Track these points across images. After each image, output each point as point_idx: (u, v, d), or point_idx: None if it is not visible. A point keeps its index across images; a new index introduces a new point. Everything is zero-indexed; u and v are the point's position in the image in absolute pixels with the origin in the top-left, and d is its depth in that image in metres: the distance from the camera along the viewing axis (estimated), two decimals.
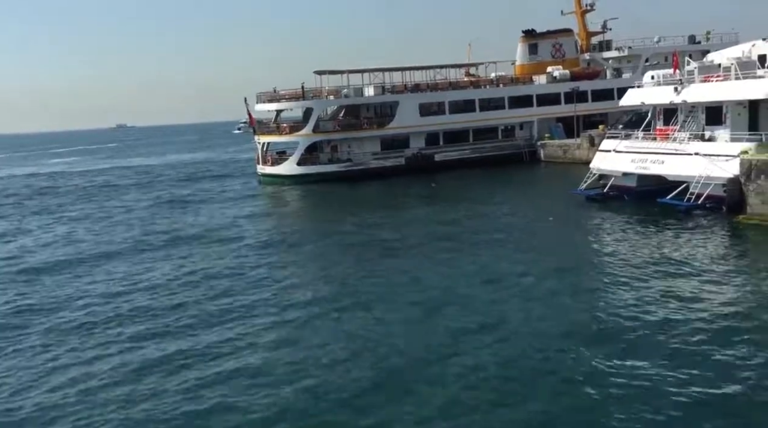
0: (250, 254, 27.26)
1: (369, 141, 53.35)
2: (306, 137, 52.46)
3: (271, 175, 53.77)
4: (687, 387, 12.76)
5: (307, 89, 54.07)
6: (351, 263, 24.69)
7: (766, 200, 25.54)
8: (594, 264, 22.60)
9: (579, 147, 50.88)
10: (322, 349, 16.00)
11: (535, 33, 63.34)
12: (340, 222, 34.08)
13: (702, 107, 31.97)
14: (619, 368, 13.82)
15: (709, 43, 61.23)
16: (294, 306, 19.65)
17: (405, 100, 54.42)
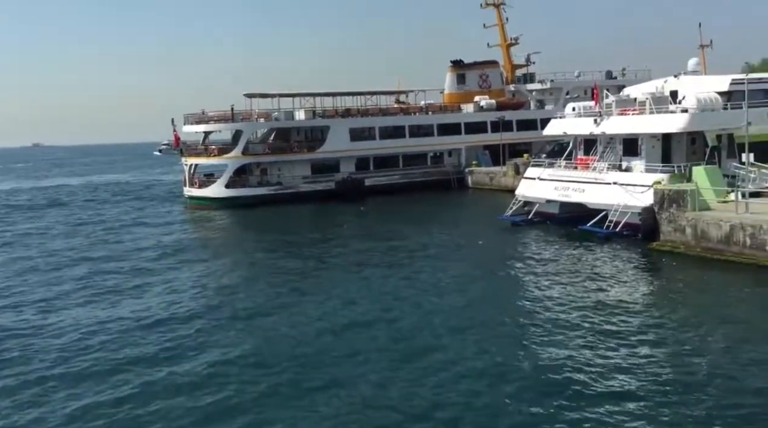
0: (174, 281, 26.35)
1: (299, 165, 53.16)
2: (235, 160, 51.74)
3: (198, 198, 52.59)
4: (601, 396, 13.26)
5: (237, 112, 53.51)
6: (277, 287, 24.31)
7: (677, 227, 26.95)
8: (519, 285, 23.29)
9: (505, 175, 52.37)
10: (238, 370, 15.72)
11: (463, 64, 65.20)
12: (268, 246, 33.66)
13: (619, 139, 33.64)
14: (529, 383, 14.21)
15: (624, 78, 64.67)
16: (213, 333, 19.19)
17: (336, 124, 54.66)
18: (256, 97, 55.30)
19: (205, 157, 53.90)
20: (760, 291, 21.43)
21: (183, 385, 15.34)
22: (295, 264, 28.50)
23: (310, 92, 58.78)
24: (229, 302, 22.52)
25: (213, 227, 42.83)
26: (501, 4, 67.64)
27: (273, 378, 15.47)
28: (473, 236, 33.51)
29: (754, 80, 33.14)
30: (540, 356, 16.21)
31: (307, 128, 56.19)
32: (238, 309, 21.55)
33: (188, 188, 54.02)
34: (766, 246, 23.41)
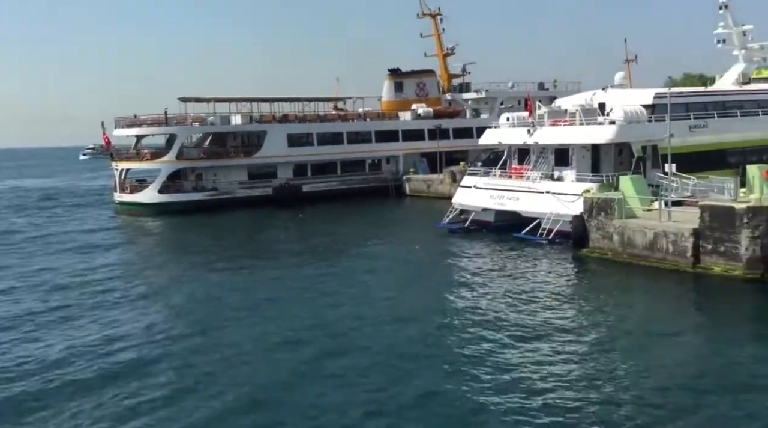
0: (100, 292, 25.26)
1: (236, 170, 52.40)
2: (169, 164, 50.54)
3: (129, 203, 51.08)
4: (527, 398, 13.68)
5: (171, 116, 52.31)
6: (211, 297, 23.87)
7: (605, 235, 28.02)
8: (453, 291, 23.66)
9: (442, 182, 53.13)
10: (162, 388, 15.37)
11: (400, 72, 65.91)
12: (201, 254, 32.87)
13: (551, 149, 34.71)
14: (460, 382, 14.52)
15: (556, 89, 66.83)
16: (139, 345, 18.68)
17: (273, 130, 54.19)
18: (191, 101, 54.29)
19: (137, 161, 52.44)
20: (680, 295, 22.55)
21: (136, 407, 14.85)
22: (230, 273, 28.05)
23: (247, 97, 58.11)
24: (161, 317, 21.87)
25: (145, 234, 41.66)
26: (437, 15, 68.76)
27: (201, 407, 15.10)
28: (410, 243, 33.84)
29: (675, 94, 34.86)
30: (469, 353, 16.62)
31: (243, 133, 55.49)
32: (168, 325, 20.79)
33: (119, 193, 52.42)
34: (687, 253, 24.61)
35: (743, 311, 20.90)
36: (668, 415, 13.23)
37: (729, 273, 23.27)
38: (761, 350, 16.94)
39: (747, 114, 37.57)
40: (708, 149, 34.44)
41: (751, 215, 22.98)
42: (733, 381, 14.84)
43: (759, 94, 40.13)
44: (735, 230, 23.29)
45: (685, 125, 34.25)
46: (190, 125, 53.37)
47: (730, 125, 36.20)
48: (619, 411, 13.46)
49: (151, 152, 52.82)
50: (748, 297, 21.96)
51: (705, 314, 20.68)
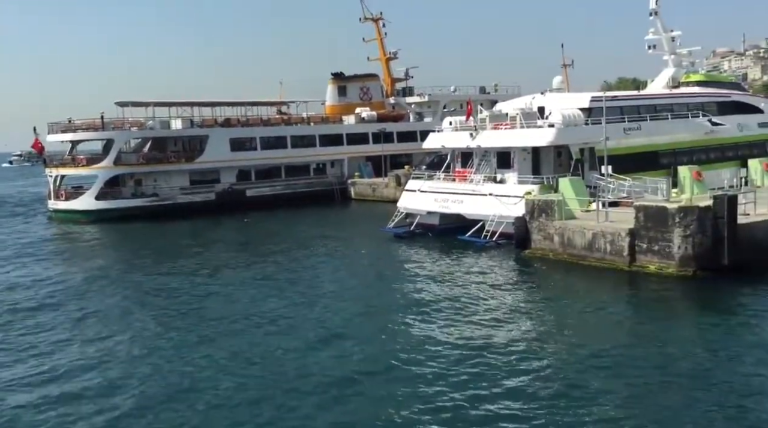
0: (32, 305, 24.31)
1: (177, 175, 51.31)
2: (106, 170, 49.13)
3: (65, 211, 49.37)
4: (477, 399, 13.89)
5: (108, 120, 50.84)
6: (153, 310, 23.16)
7: (546, 235, 28.69)
8: (399, 294, 23.80)
9: (387, 186, 53.34)
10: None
11: (343, 76, 65.94)
12: (142, 262, 32.11)
13: (494, 152, 35.32)
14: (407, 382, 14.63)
15: (497, 93, 68.17)
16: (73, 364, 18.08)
17: (215, 134, 53.35)
18: (129, 105, 52.89)
19: (73, 167, 50.78)
20: (617, 294, 23.27)
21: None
22: (172, 282, 27.38)
23: (188, 101, 57.06)
24: (97, 331, 21.18)
25: (81, 243, 40.25)
26: (379, 19, 69.10)
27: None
28: (356, 248, 33.83)
29: (610, 98, 36.03)
30: (412, 352, 16.75)
31: (184, 138, 54.42)
32: (108, 340, 20.18)
33: (54, 200, 50.61)
34: (623, 252, 25.44)
35: (675, 308, 21.75)
36: (607, 403, 13.69)
37: (663, 271, 24.15)
38: (690, 342, 17.70)
39: (677, 117, 39.14)
40: (641, 151, 35.70)
41: (683, 214, 23.91)
42: (665, 369, 15.58)
43: (688, 98, 41.85)
44: (668, 230, 24.19)
45: (620, 128, 35.42)
46: (128, 129, 52.06)
47: (662, 128, 37.64)
48: (565, 403, 13.86)
49: (87, 157, 51.31)
50: (680, 294, 22.84)
51: (640, 311, 21.37)
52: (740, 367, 15.75)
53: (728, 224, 23.77)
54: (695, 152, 38.23)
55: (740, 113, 42.77)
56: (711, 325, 19.12)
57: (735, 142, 40.64)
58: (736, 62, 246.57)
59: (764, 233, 25.08)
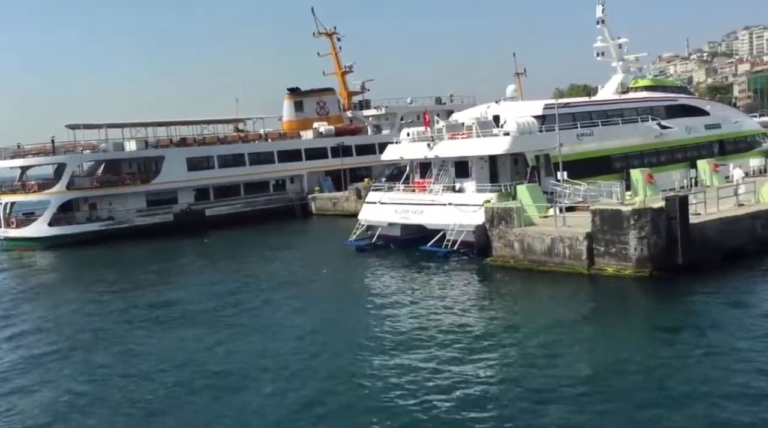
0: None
1: (133, 197, 50.34)
2: (59, 195, 47.91)
3: (16, 239, 47.88)
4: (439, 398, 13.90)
5: (59, 144, 49.67)
6: (112, 339, 22.46)
7: (507, 243, 28.99)
8: (363, 306, 23.80)
9: (347, 199, 53.26)
10: None
11: (300, 91, 65.82)
12: (97, 289, 31.22)
13: (451, 162, 35.60)
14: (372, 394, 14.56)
15: (452, 103, 68.79)
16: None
17: (171, 154, 52.58)
18: (80, 128, 51.83)
19: (23, 193, 49.36)
20: (577, 297, 23.61)
21: None
22: (131, 309, 26.71)
23: (142, 122, 56.20)
24: (53, 362, 20.59)
25: (34, 271, 39.05)
26: (333, 34, 69.24)
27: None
28: (319, 263, 33.63)
29: (563, 105, 36.75)
30: (381, 366, 16.70)
31: (139, 159, 53.51)
32: (63, 372, 19.76)
33: (4, 228, 49.06)
34: (582, 256, 25.87)
35: (633, 309, 22.20)
36: (573, 400, 13.88)
37: (621, 273, 24.63)
38: (648, 341, 18.17)
39: (627, 121, 40.08)
40: (595, 156, 36.39)
41: (637, 216, 24.45)
42: (624, 367, 16.08)
43: (637, 102, 42.94)
44: (623, 232, 24.71)
45: (573, 134, 36.07)
46: (81, 152, 51.03)
47: (613, 132, 38.47)
48: (529, 401, 14.09)
49: (39, 183, 49.92)
50: (637, 295, 23.33)
51: (599, 313, 21.74)
52: (695, 364, 16.18)
53: (681, 225, 24.39)
54: (646, 155, 39.17)
55: (687, 116, 44.04)
56: (666, 324, 19.60)
57: (683, 144, 41.80)
58: (681, 66, 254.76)
59: (715, 232, 25.83)
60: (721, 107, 54.22)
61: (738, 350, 16.74)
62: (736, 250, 25.88)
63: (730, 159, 41.39)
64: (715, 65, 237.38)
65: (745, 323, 18.83)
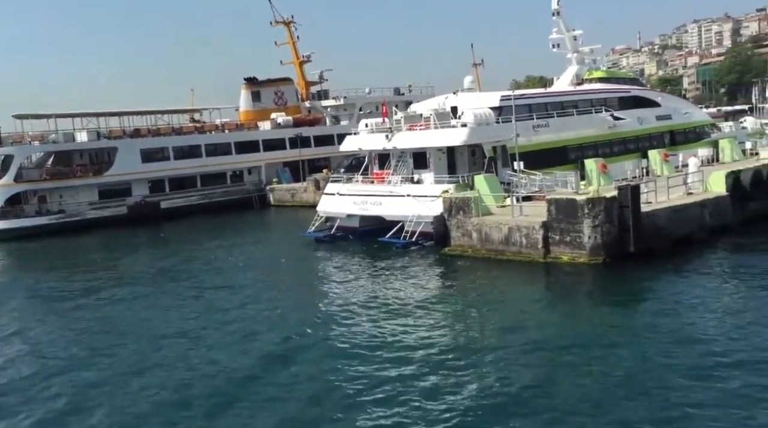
0: None
1: (84, 190, 49.05)
2: (6, 188, 46.35)
3: None
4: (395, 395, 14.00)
5: (5, 135, 47.99)
6: (63, 336, 21.93)
7: (465, 232, 29.26)
8: (322, 298, 23.72)
9: (306, 190, 52.94)
10: None
11: (257, 81, 64.98)
12: (48, 285, 30.32)
13: (410, 153, 35.69)
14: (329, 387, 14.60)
15: (411, 94, 68.94)
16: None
17: (124, 146, 51.37)
18: (29, 118, 50.16)
19: None
20: (533, 285, 24.04)
21: None
22: (84, 304, 26.06)
23: (93, 112, 54.71)
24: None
25: None
26: (291, 23, 68.53)
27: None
28: (277, 254, 33.41)
29: (519, 96, 37.17)
30: (337, 354, 16.76)
31: (91, 151, 52.12)
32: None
33: None
34: (538, 245, 26.30)
35: (587, 295, 22.69)
36: (525, 386, 14.18)
37: (576, 261, 25.13)
38: (602, 325, 18.63)
39: (582, 112, 40.85)
40: (550, 147, 36.99)
41: (591, 205, 24.96)
42: (573, 349, 16.66)
43: (591, 94, 43.80)
44: (578, 221, 25.20)
45: (529, 125, 36.59)
46: (29, 143, 49.40)
47: (568, 123, 39.18)
48: (489, 382, 14.34)
49: None
50: (591, 282, 23.84)
51: (554, 301, 22.21)
52: (645, 344, 16.73)
53: (633, 213, 25.00)
54: (600, 146, 39.99)
55: (639, 107, 45.13)
56: (617, 309, 20.17)
57: (636, 135, 42.83)
58: (633, 58, 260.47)
59: (665, 219, 26.56)
60: (672, 98, 55.72)
61: (680, 330, 17.52)
62: (685, 237, 26.70)
63: (681, 149, 42.58)
64: (665, 58, 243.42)
65: (688, 306, 19.50)
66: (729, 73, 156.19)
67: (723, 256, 25.82)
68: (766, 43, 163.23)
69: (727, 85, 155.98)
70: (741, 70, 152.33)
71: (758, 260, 24.43)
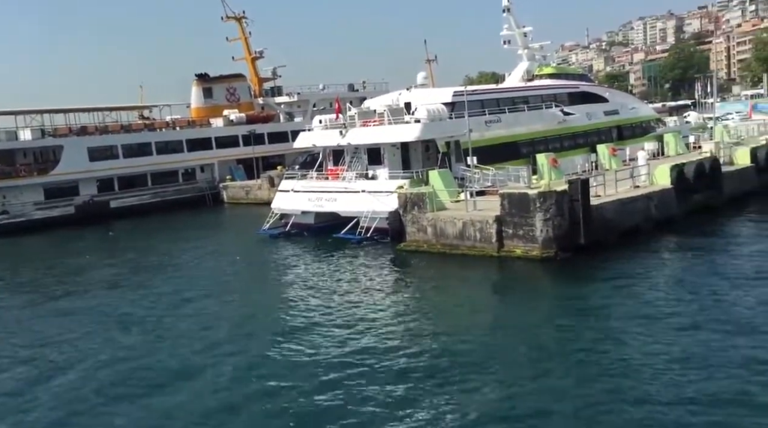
0: None
1: (29, 190, 47.48)
2: None
3: None
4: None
5: None
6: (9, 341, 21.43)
7: (420, 228, 29.45)
8: (276, 296, 23.61)
9: (260, 188, 52.44)
10: None
11: (208, 77, 63.97)
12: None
13: (364, 149, 35.69)
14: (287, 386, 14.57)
15: (365, 90, 68.89)
16: None
17: (71, 144, 49.93)
18: None
19: None
20: (487, 279, 24.38)
21: None
22: (30, 305, 25.33)
23: (37, 109, 52.95)
24: None
25: None
26: (242, 18, 67.66)
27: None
28: (231, 252, 33.02)
29: (471, 92, 37.54)
30: (296, 352, 16.70)
31: (35, 149, 50.45)
32: None
33: None
34: (492, 239, 26.64)
35: (538, 288, 23.17)
36: (478, 379, 14.43)
37: (528, 254, 25.55)
38: (551, 317, 19.02)
39: (533, 108, 41.53)
40: (503, 142, 37.52)
41: (543, 199, 25.41)
42: (527, 339, 17.10)
43: (541, 90, 44.53)
44: (530, 215, 25.62)
45: (482, 121, 37.00)
46: None
47: (520, 119, 39.78)
48: (437, 369, 14.61)
49: None
50: (542, 275, 24.33)
51: (507, 293, 22.66)
52: (594, 333, 17.22)
53: (583, 206, 25.55)
54: (550, 141, 40.72)
55: (588, 103, 46.09)
56: (569, 300, 20.61)
57: (585, 130, 43.76)
58: (582, 55, 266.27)
59: (613, 212, 27.25)
60: (619, 94, 57.05)
61: (625, 318, 18.14)
62: (632, 229, 27.45)
63: (628, 144, 43.71)
64: (612, 54, 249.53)
65: (634, 295, 20.14)
66: (673, 70, 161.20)
67: (667, 246, 26.67)
68: (707, 40, 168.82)
69: (672, 81, 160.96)
70: (684, 66, 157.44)
71: (699, 249, 25.31)
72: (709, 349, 15.44)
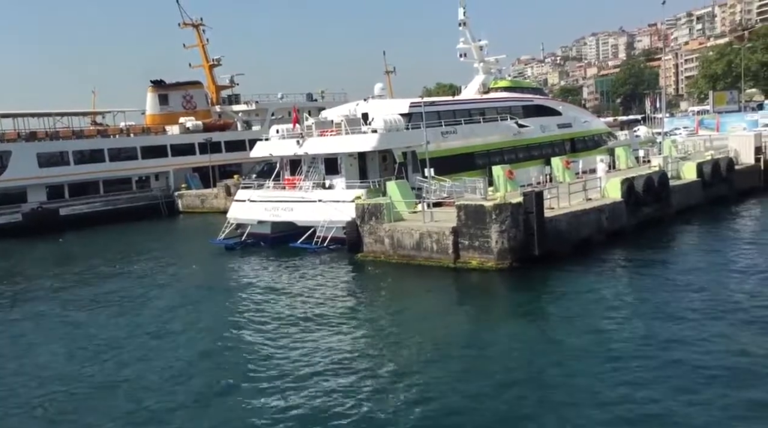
0: None
1: None
2: None
3: None
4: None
5: None
6: None
7: (377, 238, 29.52)
8: (231, 307, 23.26)
9: (216, 196, 51.83)
10: None
11: (164, 84, 63.05)
12: None
13: (321, 159, 35.63)
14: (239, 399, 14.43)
15: (324, 100, 68.89)
16: None
17: (19, 149, 48.53)
18: None
19: None
20: (443, 290, 24.49)
21: None
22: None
23: None
24: None
25: None
26: (200, 25, 66.98)
27: None
28: (185, 262, 32.50)
29: (428, 103, 37.89)
30: (249, 368, 16.55)
31: None
32: None
33: None
34: (448, 250, 26.87)
35: (493, 299, 23.48)
36: (433, 387, 14.52)
37: (484, 266, 25.84)
38: (506, 327, 19.27)
39: (489, 120, 42.15)
40: (459, 153, 37.97)
41: (498, 211, 25.77)
42: (483, 349, 17.24)
43: (497, 102, 45.25)
44: (486, 226, 25.93)
45: (438, 132, 37.37)
46: None
47: (476, 130, 40.33)
48: (398, 383, 14.48)
49: None
50: (497, 286, 24.64)
51: (462, 304, 22.86)
52: (545, 342, 17.51)
53: (537, 218, 26.03)
54: (506, 153, 41.39)
55: (542, 116, 47.04)
56: (520, 309, 20.98)
57: (539, 142, 44.61)
58: (537, 69, 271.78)
59: (566, 224, 27.82)
60: (572, 107, 58.42)
61: (575, 325, 18.64)
62: (584, 240, 28.08)
63: (581, 156, 44.74)
64: (567, 68, 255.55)
65: (584, 303, 20.66)
66: (624, 85, 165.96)
67: (618, 257, 27.36)
68: (657, 57, 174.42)
69: (623, 96, 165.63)
70: (635, 81, 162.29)
71: (648, 261, 26.05)
72: (649, 359, 15.91)
